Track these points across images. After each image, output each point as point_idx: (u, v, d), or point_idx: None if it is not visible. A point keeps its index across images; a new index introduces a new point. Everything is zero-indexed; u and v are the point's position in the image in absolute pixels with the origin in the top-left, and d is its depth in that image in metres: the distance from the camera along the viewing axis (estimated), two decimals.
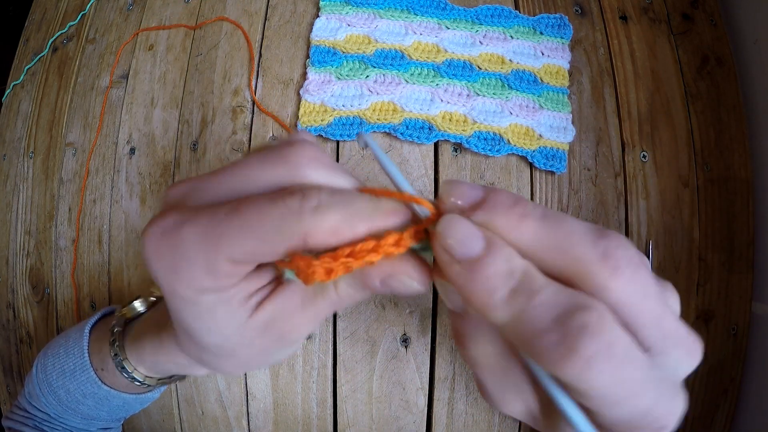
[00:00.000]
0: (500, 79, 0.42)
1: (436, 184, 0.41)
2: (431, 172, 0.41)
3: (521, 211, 0.15)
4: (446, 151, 0.41)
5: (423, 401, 0.39)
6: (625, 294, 0.14)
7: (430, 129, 0.41)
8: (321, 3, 0.45)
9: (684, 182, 0.41)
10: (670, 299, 0.16)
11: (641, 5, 0.45)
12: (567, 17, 0.44)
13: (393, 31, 0.44)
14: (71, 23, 0.54)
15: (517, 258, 0.15)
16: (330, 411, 0.41)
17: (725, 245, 0.42)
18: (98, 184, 0.48)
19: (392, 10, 0.45)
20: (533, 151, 0.40)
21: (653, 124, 0.42)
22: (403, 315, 0.40)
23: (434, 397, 0.39)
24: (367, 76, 0.42)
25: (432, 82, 0.42)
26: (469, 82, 0.42)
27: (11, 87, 0.56)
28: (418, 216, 0.17)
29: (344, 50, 0.44)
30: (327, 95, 0.42)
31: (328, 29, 0.44)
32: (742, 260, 0.42)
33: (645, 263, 0.15)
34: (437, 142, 0.42)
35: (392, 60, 0.43)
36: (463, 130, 0.41)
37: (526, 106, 0.42)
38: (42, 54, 0.55)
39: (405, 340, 0.40)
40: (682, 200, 0.41)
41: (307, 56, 0.44)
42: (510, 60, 0.43)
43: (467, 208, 0.16)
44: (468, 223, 0.16)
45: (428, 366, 0.39)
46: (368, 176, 0.42)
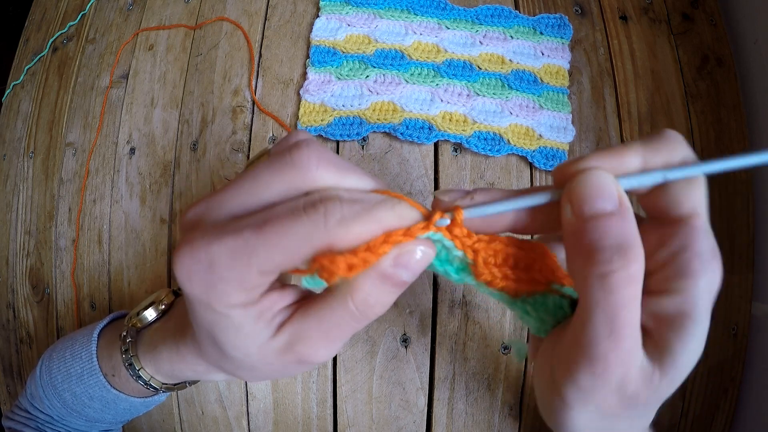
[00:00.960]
0: (500, 79, 0.42)
1: (436, 184, 0.41)
2: (431, 172, 0.41)
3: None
4: (446, 151, 0.41)
5: (423, 401, 0.39)
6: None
7: (430, 129, 0.41)
8: (321, 3, 0.45)
9: None
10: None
11: (641, 5, 0.45)
12: (567, 17, 0.44)
13: (393, 31, 0.44)
14: (71, 23, 0.54)
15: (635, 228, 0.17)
16: (330, 411, 0.41)
17: (725, 245, 0.42)
18: (98, 184, 0.48)
19: (392, 10, 0.45)
20: (533, 151, 0.40)
21: (653, 124, 0.42)
22: (403, 315, 0.40)
23: (434, 397, 0.39)
24: (367, 76, 0.42)
25: (432, 82, 0.42)
26: (469, 82, 0.42)
27: (11, 87, 0.56)
28: (426, 213, 0.18)
29: (344, 50, 0.44)
30: (327, 95, 0.42)
31: (328, 29, 0.44)
32: (742, 260, 0.42)
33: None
34: (437, 142, 0.42)
35: (392, 60, 0.43)
36: (463, 130, 0.41)
37: (526, 106, 0.42)
38: (42, 54, 0.55)
39: (405, 340, 0.40)
40: None
41: (307, 56, 0.44)
42: (510, 60, 0.43)
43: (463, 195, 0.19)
44: (611, 179, 0.17)
45: (428, 366, 0.39)
46: None
